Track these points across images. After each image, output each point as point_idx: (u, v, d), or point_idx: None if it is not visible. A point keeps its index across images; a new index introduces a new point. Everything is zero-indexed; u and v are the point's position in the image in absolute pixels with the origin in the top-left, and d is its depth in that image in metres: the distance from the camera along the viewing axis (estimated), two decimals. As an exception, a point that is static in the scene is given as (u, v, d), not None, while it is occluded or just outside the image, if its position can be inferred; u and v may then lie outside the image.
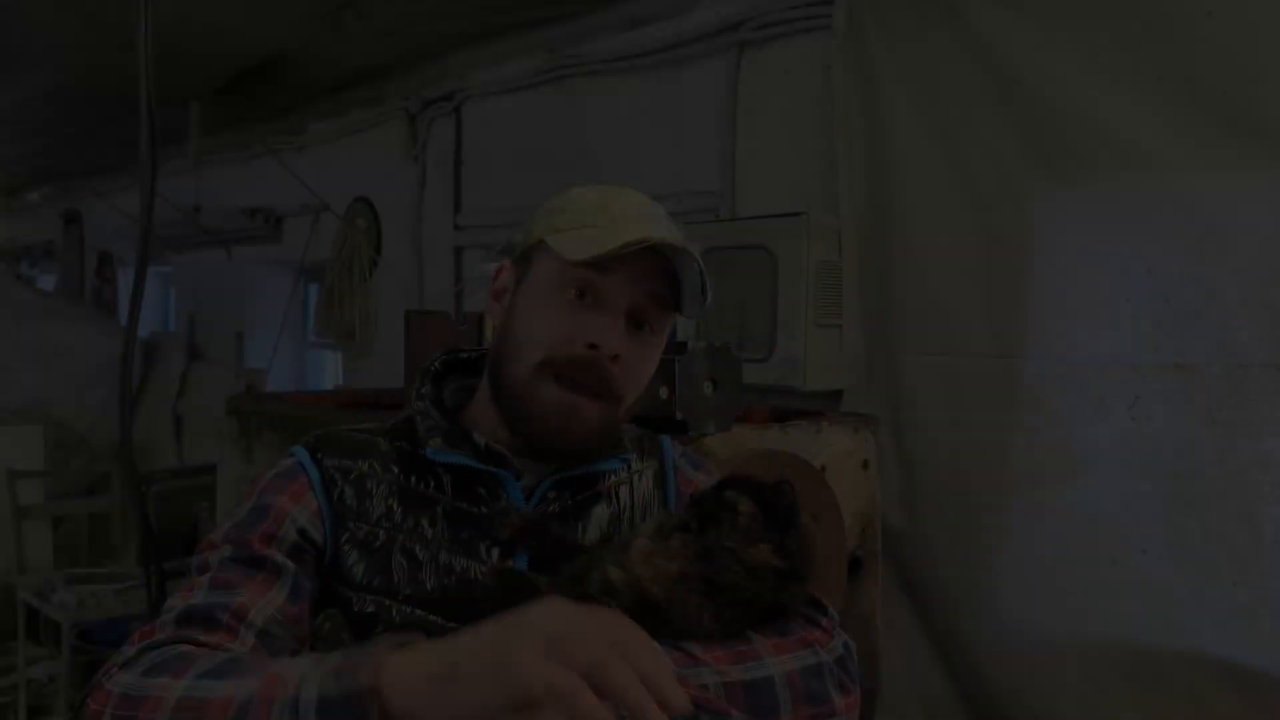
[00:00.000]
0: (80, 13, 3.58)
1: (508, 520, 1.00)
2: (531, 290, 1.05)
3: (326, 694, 0.71)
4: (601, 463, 1.09)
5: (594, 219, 1.02)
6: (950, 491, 2.30)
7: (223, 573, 0.95)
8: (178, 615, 0.91)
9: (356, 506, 1.02)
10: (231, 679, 0.77)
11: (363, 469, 1.04)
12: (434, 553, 1.00)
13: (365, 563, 0.99)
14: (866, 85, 2.43)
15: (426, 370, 1.15)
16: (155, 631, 0.90)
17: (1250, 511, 1.89)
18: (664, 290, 1.04)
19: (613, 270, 1.00)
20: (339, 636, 0.90)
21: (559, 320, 1.02)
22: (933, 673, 2.39)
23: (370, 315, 4.40)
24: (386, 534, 1.01)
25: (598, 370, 1.01)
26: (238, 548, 0.97)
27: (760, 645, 0.93)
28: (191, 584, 0.95)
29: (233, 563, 0.96)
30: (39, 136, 6.05)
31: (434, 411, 1.08)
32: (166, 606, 0.93)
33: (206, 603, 0.92)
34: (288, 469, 1.06)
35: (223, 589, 0.93)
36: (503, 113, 3.72)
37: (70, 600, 3.61)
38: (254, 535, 0.98)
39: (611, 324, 1.01)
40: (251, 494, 1.05)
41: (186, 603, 0.92)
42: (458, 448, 1.04)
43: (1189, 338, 1.95)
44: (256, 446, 2.28)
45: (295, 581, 0.97)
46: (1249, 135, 1.86)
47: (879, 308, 2.44)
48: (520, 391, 1.03)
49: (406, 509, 1.02)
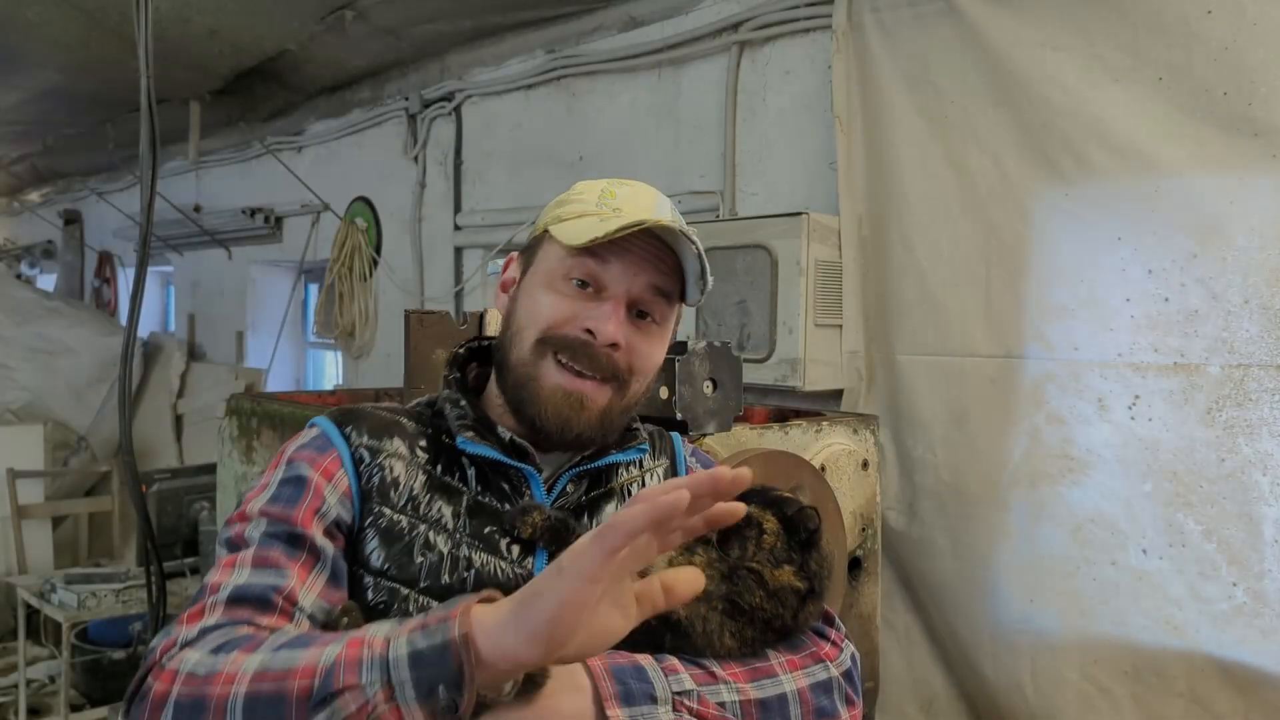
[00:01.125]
0: (80, 12, 3.58)
1: (529, 519, 0.99)
2: (534, 278, 1.06)
3: (417, 647, 0.73)
4: (620, 454, 1.09)
5: (596, 208, 1.03)
6: (950, 491, 2.30)
7: (266, 550, 0.92)
8: (229, 596, 0.88)
9: (382, 490, 1.01)
10: (310, 648, 0.77)
11: (390, 450, 1.03)
12: (454, 545, 0.99)
13: (386, 549, 0.98)
14: (866, 85, 2.43)
15: (454, 356, 1.14)
16: (205, 613, 0.87)
17: (1249, 511, 1.89)
18: (666, 281, 1.04)
19: (613, 259, 1.01)
20: None
21: (558, 304, 1.02)
22: (933, 673, 2.40)
23: (370, 315, 4.40)
24: (409, 522, 0.99)
25: (596, 357, 1.01)
26: (275, 522, 0.94)
27: (775, 661, 0.94)
28: (231, 559, 0.92)
29: (274, 539, 0.93)
30: (39, 136, 6.06)
31: (463, 400, 1.08)
32: (210, 584, 0.90)
33: (256, 583, 0.89)
34: (317, 441, 1.03)
35: (271, 569, 0.91)
36: (503, 113, 3.72)
37: (70, 600, 3.61)
38: (295, 511, 0.95)
39: (611, 312, 1.01)
40: (278, 463, 1.02)
41: (234, 582, 0.89)
42: (485, 439, 1.03)
43: (1189, 338, 1.95)
44: (256, 446, 2.27)
45: (335, 566, 0.95)
46: (1249, 135, 1.86)
47: (879, 308, 2.44)
48: (522, 374, 1.02)
49: (431, 499, 1.01)
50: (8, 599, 4.62)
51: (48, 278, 8.42)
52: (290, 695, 0.74)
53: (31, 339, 5.67)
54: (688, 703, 0.87)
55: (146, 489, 3.68)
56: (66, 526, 5.34)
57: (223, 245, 5.71)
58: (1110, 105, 2.02)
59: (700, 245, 1.01)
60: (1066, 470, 2.13)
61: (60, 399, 5.62)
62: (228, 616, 0.86)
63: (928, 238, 2.32)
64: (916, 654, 2.42)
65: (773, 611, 0.93)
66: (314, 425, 1.06)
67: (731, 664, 0.92)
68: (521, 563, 1.00)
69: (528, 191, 3.61)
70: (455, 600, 0.77)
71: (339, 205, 4.60)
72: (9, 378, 5.49)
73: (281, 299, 5.30)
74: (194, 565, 3.75)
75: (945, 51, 2.28)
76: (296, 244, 4.97)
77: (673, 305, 1.07)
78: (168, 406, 5.85)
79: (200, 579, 3.76)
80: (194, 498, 3.86)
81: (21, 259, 8.54)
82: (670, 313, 1.07)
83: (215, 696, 0.76)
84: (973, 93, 2.23)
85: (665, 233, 1.00)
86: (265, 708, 0.74)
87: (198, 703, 0.77)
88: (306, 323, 5.43)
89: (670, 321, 1.08)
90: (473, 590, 0.96)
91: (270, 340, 5.23)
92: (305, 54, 4.03)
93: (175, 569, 3.67)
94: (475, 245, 3.87)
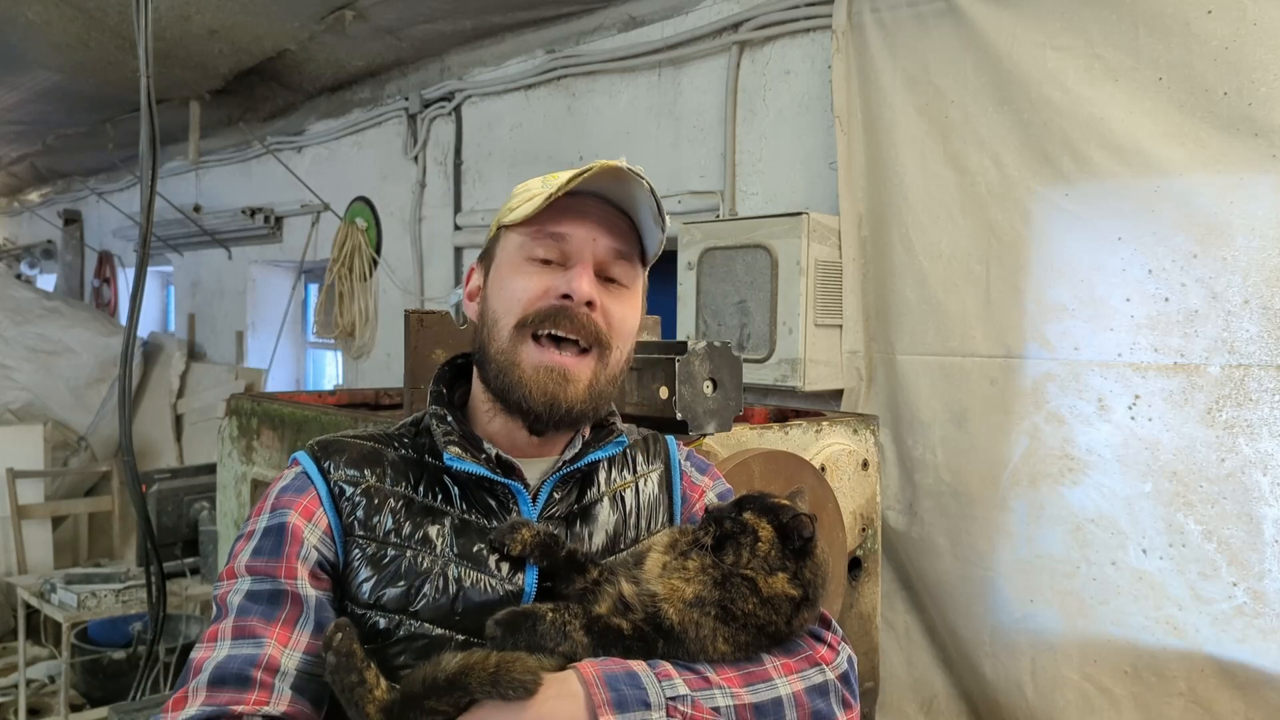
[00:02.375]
0: (80, 12, 3.58)
1: (518, 536, 0.99)
2: (498, 273, 1.07)
3: None
4: (599, 451, 1.09)
5: (541, 189, 1.06)
6: (950, 491, 2.30)
7: (245, 619, 0.94)
8: (210, 679, 0.90)
9: (365, 521, 1.01)
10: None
11: (371, 481, 1.03)
12: (442, 567, 0.99)
13: (374, 579, 0.99)
14: (866, 85, 2.43)
15: (441, 373, 1.15)
16: (188, 699, 0.89)
17: (1250, 511, 1.89)
18: (623, 243, 1.06)
19: (569, 229, 1.03)
20: (350, 648, 0.90)
21: (528, 283, 1.03)
22: (933, 673, 2.40)
23: (370, 315, 4.40)
24: (395, 549, 1.00)
25: (576, 318, 1.02)
26: (259, 578, 0.96)
27: (770, 665, 0.94)
28: (214, 630, 0.94)
29: (254, 602, 0.95)
30: (39, 136, 6.05)
31: (450, 416, 1.08)
32: (194, 663, 0.92)
33: (235, 656, 0.91)
34: (296, 483, 1.04)
35: (249, 639, 0.92)
36: (503, 113, 3.72)
37: (70, 600, 3.61)
38: (278, 565, 0.97)
39: (580, 273, 1.02)
40: (261, 509, 1.03)
41: (214, 660, 0.91)
42: (471, 456, 1.04)
43: (1189, 338, 1.95)
44: (256, 446, 2.27)
45: (318, 614, 0.96)
46: (1249, 135, 1.86)
47: (879, 308, 2.44)
48: (504, 361, 1.03)
49: (415, 523, 1.01)
50: (8, 599, 4.62)
51: (48, 278, 8.43)
52: None
53: (31, 339, 5.67)
54: (682, 708, 0.87)
55: (146, 489, 3.68)
56: (66, 526, 5.34)
57: (223, 245, 5.71)
58: (1110, 105, 2.02)
59: (650, 181, 1.03)
60: (1066, 470, 2.13)
61: (60, 399, 5.63)
62: (210, 703, 0.88)
63: (928, 238, 2.32)
64: (916, 654, 2.42)
65: (766, 618, 0.94)
66: (294, 461, 1.07)
67: (726, 668, 0.92)
68: (512, 579, 1.00)
69: (528, 191, 3.60)
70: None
71: (339, 205, 4.60)
72: (9, 378, 5.49)
73: (281, 299, 5.30)
74: (194, 565, 3.75)
75: (945, 51, 2.28)
76: (296, 244, 4.97)
77: (635, 268, 1.09)
78: (168, 406, 5.85)
79: (200, 580, 3.73)
80: (194, 498, 3.86)
81: (21, 259, 8.54)
82: (636, 275, 1.09)
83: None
84: (973, 93, 2.23)
85: (614, 182, 1.02)
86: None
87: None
88: (306, 323, 5.43)
89: (638, 285, 1.10)
90: (463, 609, 0.97)
91: (270, 340, 5.23)
92: (305, 54, 4.03)
93: (175, 569, 3.67)
94: (475, 245, 3.87)
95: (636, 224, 1.07)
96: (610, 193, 1.04)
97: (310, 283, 5.36)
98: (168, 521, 3.78)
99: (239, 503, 2.35)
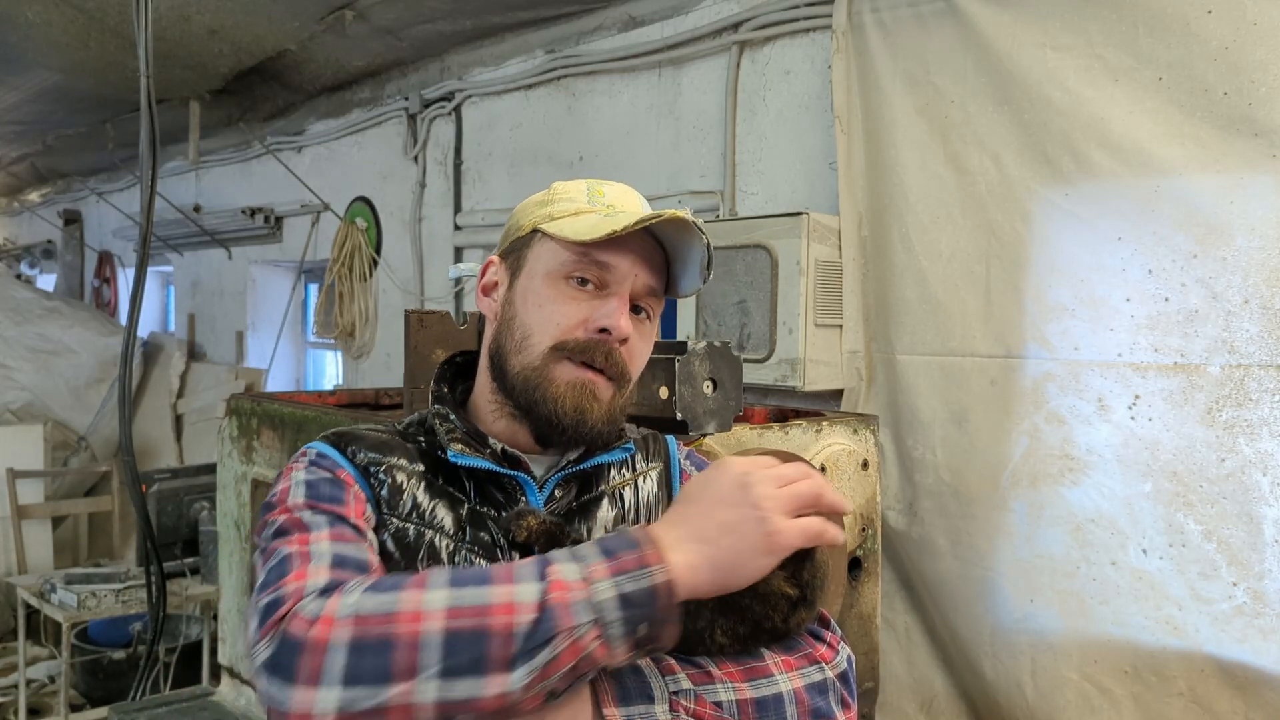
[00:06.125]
0: (80, 12, 3.58)
1: (524, 523, 1.00)
2: (531, 281, 1.05)
3: (624, 591, 0.81)
4: (606, 455, 1.09)
5: (589, 205, 1.05)
6: (950, 491, 2.30)
7: (339, 529, 0.92)
8: (333, 560, 0.88)
9: (390, 500, 1.01)
10: (495, 585, 0.80)
11: (392, 462, 1.04)
12: (456, 550, 1.00)
13: (397, 556, 0.99)
14: (866, 85, 2.43)
15: (442, 372, 1.15)
16: (308, 575, 0.85)
17: (1250, 511, 1.89)
18: (658, 279, 1.06)
19: (615, 258, 1.02)
20: None
21: (568, 307, 1.02)
22: (933, 673, 2.40)
23: (370, 315, 4.40)
24: (416, 530, 1.00)
25: (611, 354, 1.02)
26: (328, 512, 0.94)
27: (771, 661, 0.95)
28: (304, 536, 0.90)
29: (340, 522, 0.93)
30: (39, 136, 6.06)
31: (453, 414, 1.08)
32: (295, 552, 0.88)
33: (345, 547, 0.89)
34: (323, 460, 1.03)
35: (351, 544, 0.91)
36: (503, 113, 3.72)
37: (70, 600, 3.61)
38: (344, 507, 0.96)
39: (619, 309, 1.02)
40: (290, 471, 1.01)
41: (330, 551, 0.88)
42: (476, 451, 1.04)
43: (1189, 338, 1.95)
44: (256, 446, 2.27)
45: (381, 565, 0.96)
46: (1249, 135, 1.86)
47: (879, 308, 2.44)
48: (531, 377, 1.02)
49: (435, 505, 1.02)
50: (8, 599, 4.62)
51: (48, 278, 8.43)
52: (491, 631, 0.78)
53: (31, 339, 5.67)
54: (684, 702, 0.88)
55: (146, 489, 3.68)
56: (66, 526, 5.34)
57: (223, 245, 5.71)
58: (1110, 105, 2.02)
59: (709, 237, 1.04)
60: (1066, 470, 2.13)
61: (60, 399, 5.63)
62: (338, 575, 0.86)
63: (928, 238, 2.32)
64: (916, 654, 2.42)
65: (762, 613, 0.94)
66: (310, 448, 1.05)
67: (727, 663, 0.93)
68: None
69: (528, 191, 3.52)
70: (630, 533, 0.86)
71: (339, 205, 4.60)
72: (9, 378, 5.50)
73: (281, 299, 5.30)
74: (194, 565, 3.75)
75: (945, 51, 2.28)
76: (296, 244, 4.97)
77: (662, 301, 1.09)
78: (168, 406, 5.85)
79: (200, 580, 3.72)
80: (194, 498, 3.86)
81: (21, 259, 8.54)
82: (659, 308, 1.10)
83: (402, 634, 0.77)
84: (973, 93, 2.23)
85: (677, 228, 1.02)
86: (466, 643, 0.77)
87: (382, 641, 0.77)
88: (306, 323, 5.43)
89: (658, 317, 1.11)
90: None
91: (270, 340, 5.24)
92: (305, 54, 4.03)
93: (175, 569, 3.67)
94: (475, 245, 3.87)
95: (670, 259, 1.07)
96: (657, 229, 1.03)
97: (310, 283, 5.36)
98: (168, 521, 3.78)
99: (239, 503, 2.35)
